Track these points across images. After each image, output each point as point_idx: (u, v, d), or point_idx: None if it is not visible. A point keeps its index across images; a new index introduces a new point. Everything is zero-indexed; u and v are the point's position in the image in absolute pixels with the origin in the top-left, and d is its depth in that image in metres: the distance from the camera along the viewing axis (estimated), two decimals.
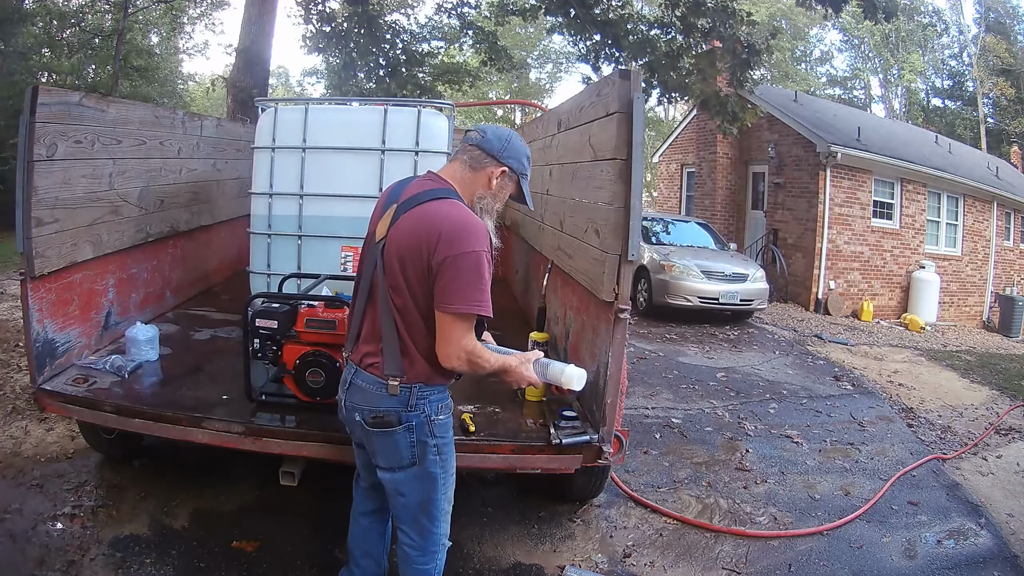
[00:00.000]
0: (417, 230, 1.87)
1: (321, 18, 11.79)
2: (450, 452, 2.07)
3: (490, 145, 1.99)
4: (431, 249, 1.84)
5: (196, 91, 23.90)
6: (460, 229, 1.85)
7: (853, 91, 30.00)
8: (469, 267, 1.82)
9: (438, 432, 2.00)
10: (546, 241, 3.84)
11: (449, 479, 2.08)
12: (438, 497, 2.05)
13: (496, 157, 1.99)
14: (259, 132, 3.87)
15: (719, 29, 9.61)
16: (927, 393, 6.36)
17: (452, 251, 1.82)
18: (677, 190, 16.11)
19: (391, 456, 2.00)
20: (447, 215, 1.88)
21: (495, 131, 2.04)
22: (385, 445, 1.99)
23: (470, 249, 1.83)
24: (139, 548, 2.72)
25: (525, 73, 29.09)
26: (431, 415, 1.97)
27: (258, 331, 2.58)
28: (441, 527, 2.09)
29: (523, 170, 2.04)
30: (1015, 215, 14.47)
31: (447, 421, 2.04)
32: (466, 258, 1.82)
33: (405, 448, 1.97)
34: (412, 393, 1.94)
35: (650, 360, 6.60)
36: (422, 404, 1.96)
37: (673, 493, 3.65)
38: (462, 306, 1.83)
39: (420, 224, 1.88)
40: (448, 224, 1.85)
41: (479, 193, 2.00)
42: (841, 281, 11.39)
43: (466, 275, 1.82)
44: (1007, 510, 3.77)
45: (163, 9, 17.57)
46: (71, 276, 3.00)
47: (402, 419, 1.95)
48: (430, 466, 2.00)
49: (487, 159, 1.99)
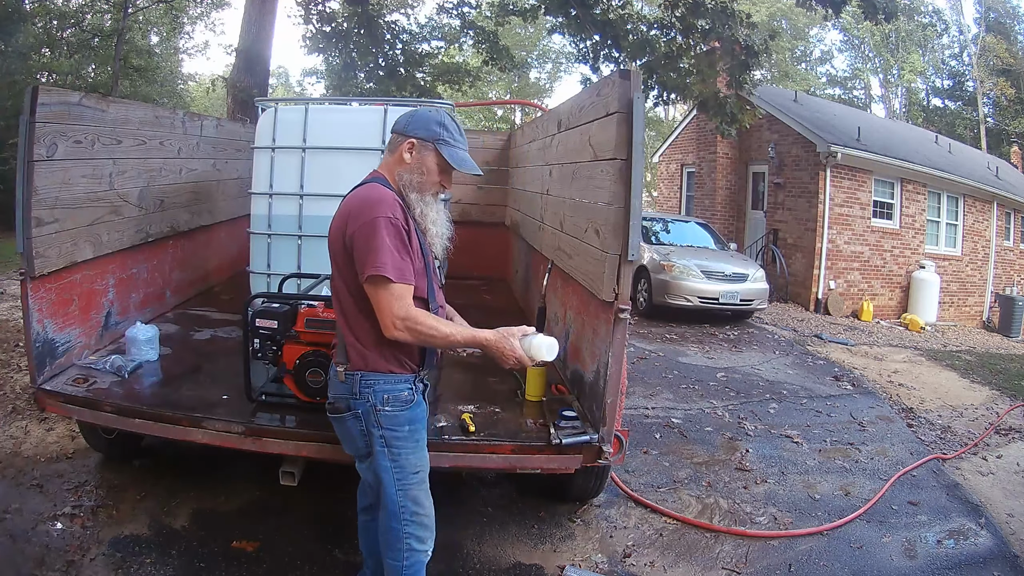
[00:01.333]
0: (337, 218, 2.00)
1: (321, 18, 11.79)
2: (404, 447, 2.02)
3: (397, 125, 2.09)
4: (343, 231, 1.94)
5: (196, 91, 23.89)
6: (361, 202, 1.96)
7: (853, 91, 30.01)
8: (368, 233, 1.89)
9: (385, 423, 2.00)
10: (546, 241, 3.84)
11: (406, 476, 2.02)
12: (393, 492, 2.02)
13: (402, 132, 2.06)
14: (259, 132, 3.88)
15: (718, 30, 9.61)
16: (927, 393, 6.35)
17: (355, 224, 1.92)
18: (677, 190, 16.11)
19: (348, 442, 2.10)
20: (355, 196, 2.01)
21: (405, 112, 2.14)
22: (340, 431, 2.09)
23: (368, 218, 1.90)
24: (139, 548, 2.72)
25: (525, 73, 29.09)
26: (376, 404, 1.99)
27: (258, 331, 2.58)
28: (406, 526, 2.03)
29: (435, 136, 2.04)
30: (1015, 215, 14.47)
31: (397, 415, 2.00)
32: (365, 226, 1.90)
33: (357, 436, 2.04)
34: (356, 380, 1.99)
35: (650, 360, 6.60)
36: (367, 392, 1.99)
37: (673, 493, 3.65)
38: (369, 270, 1.88)
39: (338, 213, 2.01)
40: (353, 202, 1.98)
41: (398, 172, 2.05)
42: (841, 281, 11.39)
43: (366, 241, 1.89)
44: (1007, 510, 3.77)
45: (163, 9, 17.56)
46: (71, 276, 3.00)
47: (350, 406, 2.01)
48: (378, 457, 2.02)
49: (397, 138, 2.08)
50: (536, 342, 1.99)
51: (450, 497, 3.30)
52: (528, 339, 2.00)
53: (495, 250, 6.07)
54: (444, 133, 2.05)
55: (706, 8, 9.58)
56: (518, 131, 6.21)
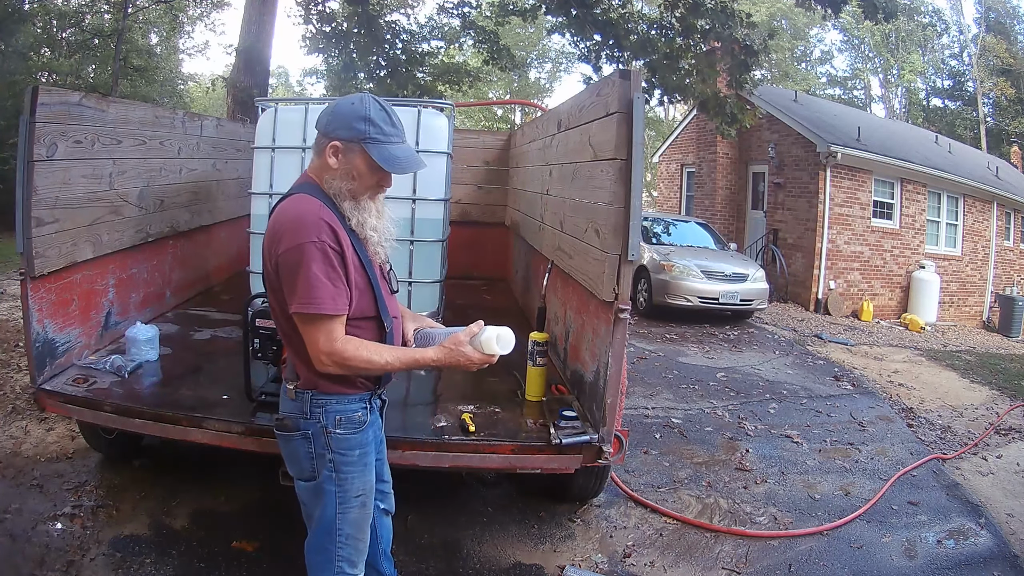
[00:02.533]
0: (265, 237, 1.79)
1: (321, 18, 11.79)
2: (351, 473, 1.88)
3: (318, 123, 1.80)
4: (268, 257, 1.76)
5: (196, 91, 23.88)
6: (281, 226, 1.72)
7: (853, 91, 30.01)
8: (294, 261, 1.68)
9: (335, 447, 1.85)
10: (546, 241, 3.84)
11: (349, 501, 1.89)
12: (333, 515, 1.88)
13: (325, 134, 1.78)
14: (259, 132, 3.88)
15: (718, 30, 9.61)
16: (927, 393, 6.36)
17: (276, 251, 1.71)
18: (677, 190, 16.11)
19: (293, 464, 1.92)
20: (280, 212, 1.77)
21: (328, 107, 1.83)
22: (287, 451, 1.92)
23: (293, 243, 1.68)
24: (139, 548, 2.72)
25: (525, 73, 29.08)
26: (327, 426, 1.83)
27: (258, 331, 2.58)
28: (340, 548, 1.91)
29: (360, 134, 1.74)
30: (1015, 215, 14.47)
31: (349, 438, 1.86)
32: (290, 252, 1.68)
33: (304, 458, 1.87)
34: (306, 400, 1.83)
35: (650, 360, 6.60)
36: (318, 413, 1.83)
37: (673, 493, 3.65)
38: (295, 306, 1.69)
39: (266, 230, 1.80)
40: (274, 224, 1.75)
41: (326, 177, 1.79)
42: (841, 281, 11.39)
43: (291, 273, 1.69)
44: (1007, 510, 3.77)
45: (163, 9, 17.56)
46: (71, 276, 3.00)
47: (299, 425, 1.85)
48: (324, 481, 1.86)
49: (321, 139, 1.80)
50: (485, 337, 1.80)
51: (450, 497, 3.30)
52: (477, 337, 1.82)
53: (495, 250, 6.07)
54: (371, 130, 1.75)
55: (706, 8, 9.58)
56: (518, 131, 6.21)
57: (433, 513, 3.13)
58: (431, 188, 3.84)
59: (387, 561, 2.28)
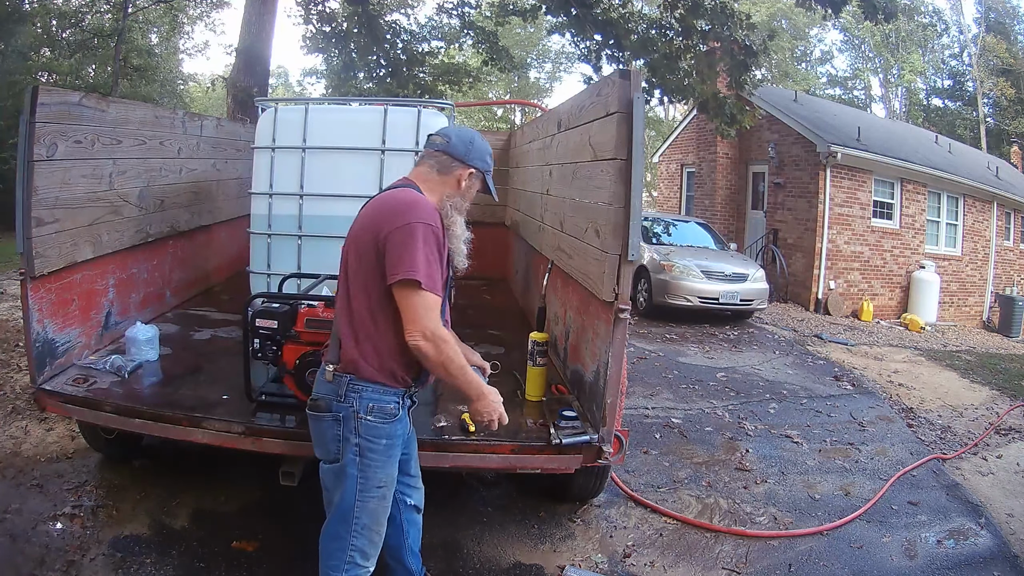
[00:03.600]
0: (366, 217, 1.97)
1: (321, 18, 11.79)
2: (375, 460, 1.97)
3: (456, 149, 2.06)
4: (377, 230, 1.90)
5: (196, 91, 23.88)
6: (401, 205, 1.92)
7: (853, 91, 30.00)
8: (405, 236, 1.86)
9: (364, 432, 1.95)
10: (546, 241, 3.84)
11: (370, 490, 1.97)
12: (352, 501, 1.96)
13: (463, 160, 2.06)
14: (259, 132, 3.88)
15: (717, 30, 9.61)
16: (927, 393, 6.36)
17: (392, 225, 1.88)
18: (677, 190, 16.11)
19: (320, 446, 2.02)
20: (392, 197, 1.98)
21: (458, 134, 2.10)
22: (316, 431, 2.02)
23: (407, 220, 1.87)
24: (139, 548, 2.72)
25: (525, 73, 29.07)
26: (359, 411, 1.94)
27: (258, 331, 2.58)
28: (355, 539, 1.98)
29: (487, 168, 2.12)
30: (1015, 215, 14.47)
31: (379, 426, 1.96)
32: (403, 229, 1.87)
33: (331, 440, 1.97)
34: (343, 384, 1.94)
35: (650, 360, 6.60)
36: (352, 397, 1.94)
37: (673, 493, 3.65)
38: (403, 273, 1.84)
39: (369, 212, 1.99)
40: (391, 203, 1.95)
41: (447, 193, 2.05)
42: (841, 281, 11.39)
43: (403, 244, 1.86)
44: (1007, 510, 3.77)
45: (163, 9, 17.56)
46: (71, 276, 3.00)
47: (331, 407, 1.96)
48: (348, 465, 1.95)
49: (454, 163, 2.06)
50: None
51: (450, 497, 3.30)
52: None
53: (495, 250, 6.07)
54: (492, 163, 2.14)
55: (705, 9, 9.58)
56: (518, 131, 6.21)
57: (433, 513, 3.11)
58: None
59: (414, 557, 2.31)
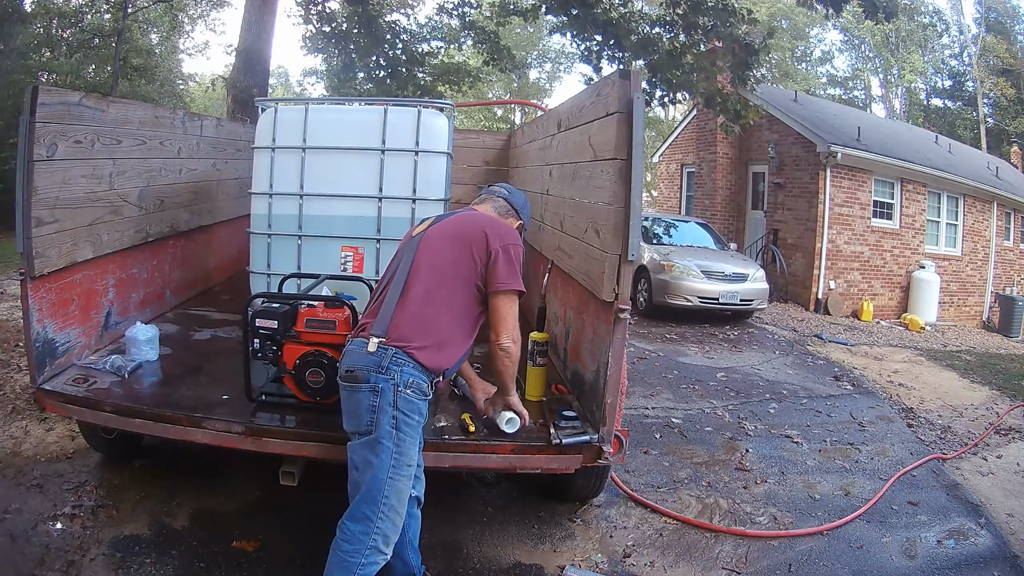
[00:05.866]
0: (462, 224, 2.32)
1: (321, 18, 11.79)
2: (410, 435, 2.04)
3: (515, 201, 2.56)
4: (480, 241, 2.23)
5: (196, 91, 23.88)
6: (504, 227, 2.34)
7: (853, 91, 30.00)
8: (515, 254, 2.25)
9: (401, 405, 2.01)
10: (546, 241, 3.84)
11: (402, 467, 2.02)
12: (383, 477, 1.98)
13: (518, 212, 2.55)
14: (259, 132, 3.87)
15: (720, 28, 9.61)
16: (927, 393, 6.35)
17: (503, 242, 2.24)
18: (677, 190, 16.11)
19: (353, 417, 2.06)
20: (488, 217, 2.40)
21: (515, 191, 2.62)
22: (350, 402, 2.07)
23: (516, 240, 2.30)
24: (139, 548, 2.72)
25: (525, 73, 29.08)
26: (399, 384, 2.01)
27: (258, 331, 2.58)
28: (381, 521, 1.99)
29: (527, 224, 2.61)
30: (1015, 215, 14.47)
31: (415, 402, 2.06)
32: (514, 247, 2.26)
33: (366, 411, 2.01)
34: (388, 355, 2.03)
35: (650, 360, 6.60)
36: (395, 370, 2.02)
37: (673, 493, 3.65)
38: (513, 284, 2.21)
39: (464, 222, 2.34)
40: (493, 223, 2.34)
41: None
42: (841, 281, 11.39)
43: (508, 260, 2.22)
44: (1007, 510, 3.77)
45: (163, 9, 17.55)
46: (71, 276, 3.00)
47: (369, 379, 2.02)
48: (383, 437, 1.99)
49: (511, 212, 2.53)
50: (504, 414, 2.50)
51: (450, 497, 3.30)
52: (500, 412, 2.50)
53: None
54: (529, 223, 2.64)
55: (707, 6, 9.58)
56: (518, 131, 6.21)
57: (433, 513, 3.11)
58: (431, 188, 3.84)
59: (413, 552, 2.32)
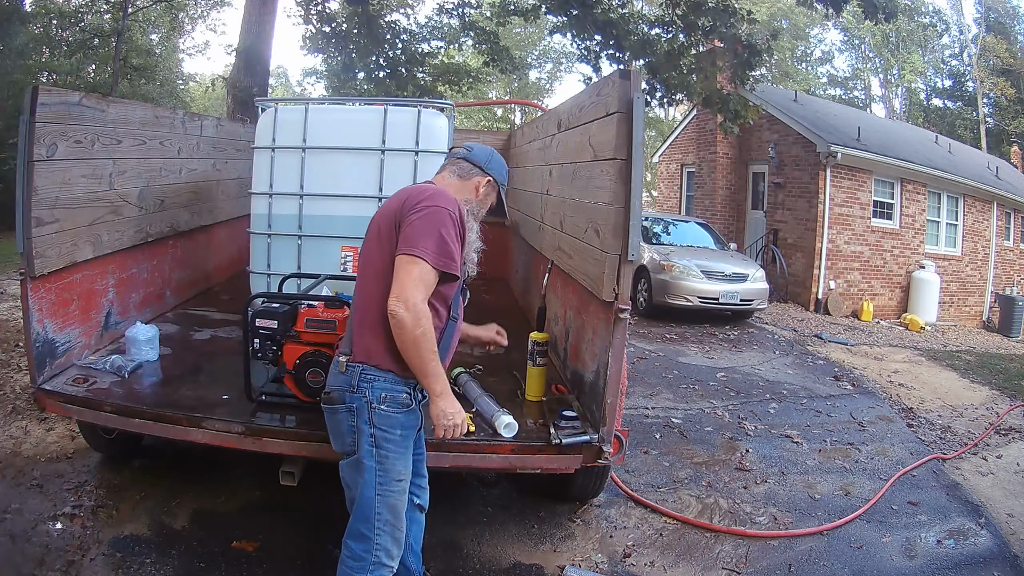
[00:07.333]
0: (393, 201, 2.06)
1: (321, 18, 11.79)
2: (393, 450, 1.97)
3: (476, 158, 2.21)
4: (399, 208, 1.98)
5: (196, 91, 23.88)
6: (429, 191, 2.03)
7: (853, 91, 29.99)
8: (428, 218, 1.93)
9: (378, 422, 1.96)
10: (546, 241, 3.84)
11: (390, 483, 1.97)
12: (371, 495, 1.95)
13: (483, 168, 2.20)
14: (259, 132, 3.87)
15: (720, 28, 9.61)
16: (927, 393, 6.35)
17: (416, 204, 1.96)
18: (677, 190, 16.11)
19: (336, 438, 2.04)
20: (415, 187, 2.11)
21: (479, 147, 2.26)
22: (331, 424, 2.04)
23: (433, 204, 1.96)
24: (139, 548, 2.72)
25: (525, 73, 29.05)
26: (372, 401, 1.95)
27: (258, 331, 2.58)
28: (379, 537, 1.97)
29: (503, 181, 2.26)
30: (1015, 215, 14.47)
31: (393, 416, 1.97)
32: (427, 210, 1.94)
33: (346, 432, 1.99)
34: (356, 374, 1.97)
35: (650, 360, 6.60)
36: (364, 387, 1.96)
37: (673, 493, 3.65)
38: (413, 250, 1.90)
39: (390, 202, 2.07)
40: (413, 191, 2.05)
41: (465, 197, 2.14)
42: (841, 281, 11.38)
43: (423, 225, 1.92)
44: (1007, 510, 3.77)
45: (163, 8, 17.54)
46: (71, 276, 3.00)
47: (344, 399, 1.98)
48: (364, 456, 1.95)
49: (475, 170, 2.19)
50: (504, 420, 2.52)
51: (450, 497, 3.30)
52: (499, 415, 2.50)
53: (495, 250, 6.01)
54: (507, 181, 2.28)
55: (707, 6, 9.58)
56: (518, 131, 6.21)
57: (433, 513, 3.11)
58: None
59: (414, 557, 2.31)
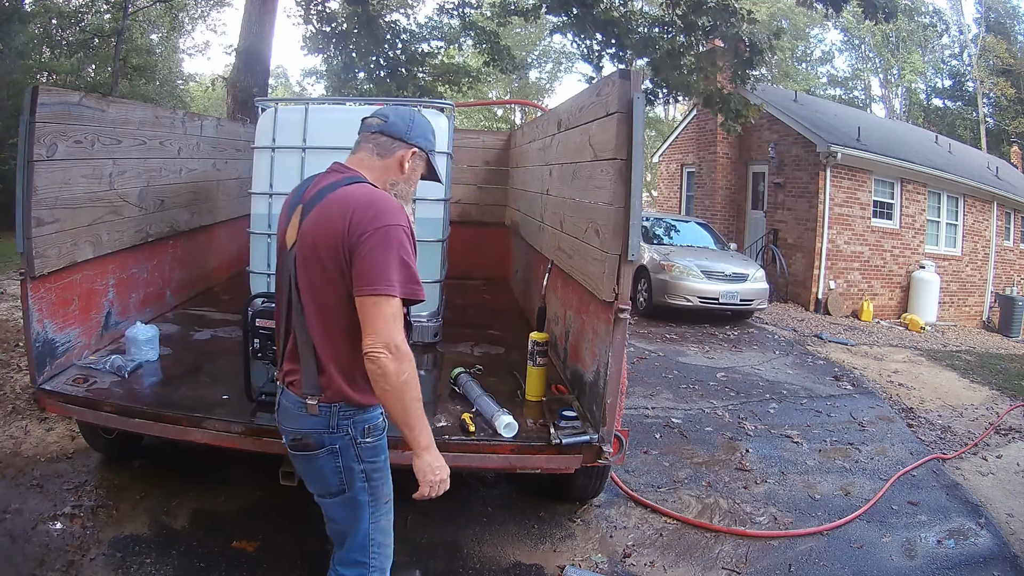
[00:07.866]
0: (327, 220, 1.71)
1: (321, 18, 11.79)
2: (381, 478, 1.88)
3: (395, 128, 1.88)
4: (343, 234, 1.67)
5: (196, 91, 23.87)
6: (371, 206, 1.69)
7: (853, 91, 29.98)
8: (383, 244, 1.66)
9: (366, 456, 1.83)
10: (546, 241, 3.84)
11: (380, 507, 1.89)
12: (367, 526, 1.87)
13: (404, 139, 1.88)
14: (259, 132, 3.87)
15: (720, 28, 9.61)
16: (927, 393, 6.36)
17: (365, 229, 1.66)
18: (677, 190, 16.11)
19: (317, 482, 1.87)
20: (356, 196, 1.73)
21: (396, 112, 1.94)
22: (309, 470, 1.86)
23: (383, 224, 1.66)
24: (139, 548, 2.72)
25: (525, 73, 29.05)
26: (356, 438, 1.80)
27: (258, 331, 2.58)
28: (374, 560, 1.90)
29: (431, 146, 1.94)
30: (1015, 215, 14.47)
31: (378, 444, 1.85)
32: (378, 233, 1.66)
33: (331, 474, 1.82)
34: (332, 413, 1.77)
35: (650, 360, 6.60)
36: (345, 425, 1.78)
37: (673, 493, 3.65)
38: (378, 287, 1.64)
39: (328, 213, 1.72)
40: (358, 203, 1.70)
41: (391, 179, 1.89)
42: (841, 281, 11.38)
43: (381, 253, 1.65)
44: (1007, 510, 3.77)
45: (163, 8, 17.55)
46: (71, 276, 3.00)
47: (324, 442, 1.79)
48: (358, 493, 1.84)
49: (395, 143, 1.88)
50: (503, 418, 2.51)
51: (450, 497, 3.28)
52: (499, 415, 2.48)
53: (495, 250, 6.07)
54: (435, 143, 1.95)
55: (707, 6, 9.58)
56: (518, 131, 6.21)
57: (433, 513, 3.13)
58: (431, 188, 3.83)
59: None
